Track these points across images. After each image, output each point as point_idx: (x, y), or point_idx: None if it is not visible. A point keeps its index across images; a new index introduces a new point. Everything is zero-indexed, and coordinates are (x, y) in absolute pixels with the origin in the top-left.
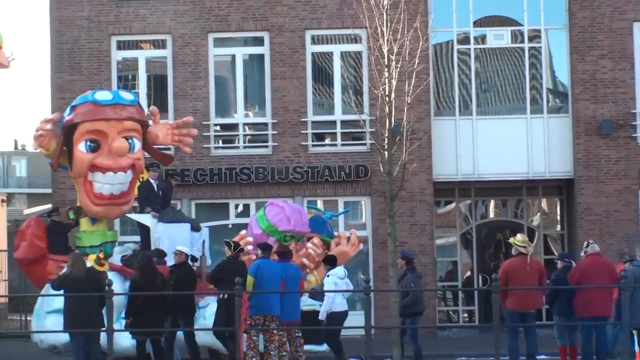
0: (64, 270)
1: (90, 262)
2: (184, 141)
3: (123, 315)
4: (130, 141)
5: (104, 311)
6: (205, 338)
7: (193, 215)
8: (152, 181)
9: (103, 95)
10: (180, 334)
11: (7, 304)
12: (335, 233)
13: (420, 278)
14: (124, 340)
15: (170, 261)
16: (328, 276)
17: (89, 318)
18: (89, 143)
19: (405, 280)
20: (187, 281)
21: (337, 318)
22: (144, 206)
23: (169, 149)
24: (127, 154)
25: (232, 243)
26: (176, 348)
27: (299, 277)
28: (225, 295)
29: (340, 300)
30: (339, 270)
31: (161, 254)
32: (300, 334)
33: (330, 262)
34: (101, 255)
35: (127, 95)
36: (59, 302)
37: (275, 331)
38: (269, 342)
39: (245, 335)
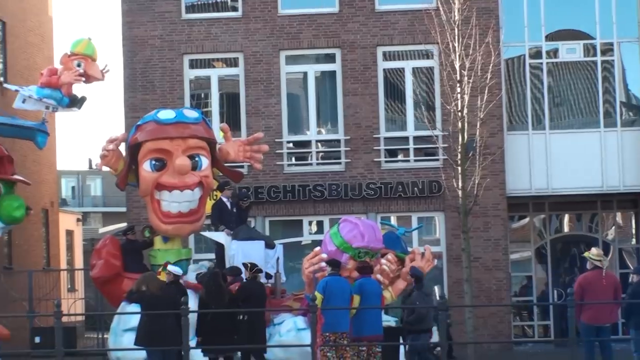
0: (133, 287)
1: (162, 277)
2: (255, 157)
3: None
4: (196, 159)
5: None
6: (280, 355)
7: (267, 233)
8: (224, 200)
9: (166, 114)
10: None
11: (84, 322)
12: (409, 249)
13: (427, 296)
14: (199, 357)
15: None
16: None
17: (165, 334)
18: (153, 162)
19: (411, 298)
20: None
21: None
22: (218, 225)
23: (242, 166)
24: (194, 171)
25: (249, 265)
26: None
27: (379, 292)
28: (245, 317)
29: None
30: None
31: (236, 271)
32: (380, 350)
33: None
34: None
35: (191, 114)
36: (135, 320)
37: (348, 348)
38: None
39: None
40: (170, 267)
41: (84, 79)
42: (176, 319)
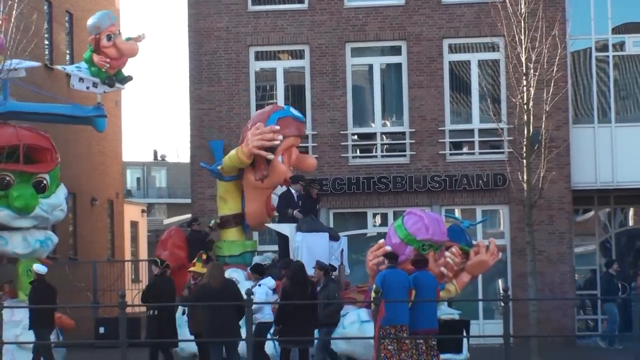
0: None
1: (198, 269)
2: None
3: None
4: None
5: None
6: (343, 346)
7: (331, 225)
8: (293, 191)
9: (297, 112)
10: None
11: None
12: (474, 242)
13: (340, 289)
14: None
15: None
16: (260, 285)
17: (224, 327)
18: (281, 156)
19: (327, 291)
20: (42, 296)
21: (264, 329)
22: (284, 213)
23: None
24: None
25: (158, 260)
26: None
27: (435, 285)
28: (155, 312)
29: (269, 311)
30: (270, 281)
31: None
32: (436, 343)
33: (259, 271)
34: (204, 256)
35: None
36: None
37: (407, 341)
38: (401, 352)
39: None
40: (35, 266)
41: None
42: (236, 313)
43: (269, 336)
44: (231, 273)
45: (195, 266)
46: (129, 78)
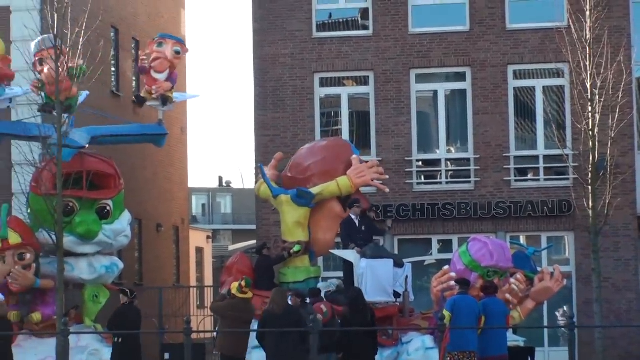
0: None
1: (233, 290)
2: None
3: None
4: None
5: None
6: None
7: (396, 251)
8: (353, 217)
9: None
10: None
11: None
12: (539, 269)
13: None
14: None
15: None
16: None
17: (288, 354)
18: None
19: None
20: None
21: None
22: (347, 242)
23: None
24: None
25: (127, 290)
26: None
27: (505, 312)
28: (120, 339)
29: None
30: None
31: (316, 293)
32: None
33: (315, 294)
34: (243, 283)
35: None
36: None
37: None
38: None
39: None
40: None
41: None
42: (300, 339)
43: None
44: None
45: (231, 285)
46: (69, 107)
